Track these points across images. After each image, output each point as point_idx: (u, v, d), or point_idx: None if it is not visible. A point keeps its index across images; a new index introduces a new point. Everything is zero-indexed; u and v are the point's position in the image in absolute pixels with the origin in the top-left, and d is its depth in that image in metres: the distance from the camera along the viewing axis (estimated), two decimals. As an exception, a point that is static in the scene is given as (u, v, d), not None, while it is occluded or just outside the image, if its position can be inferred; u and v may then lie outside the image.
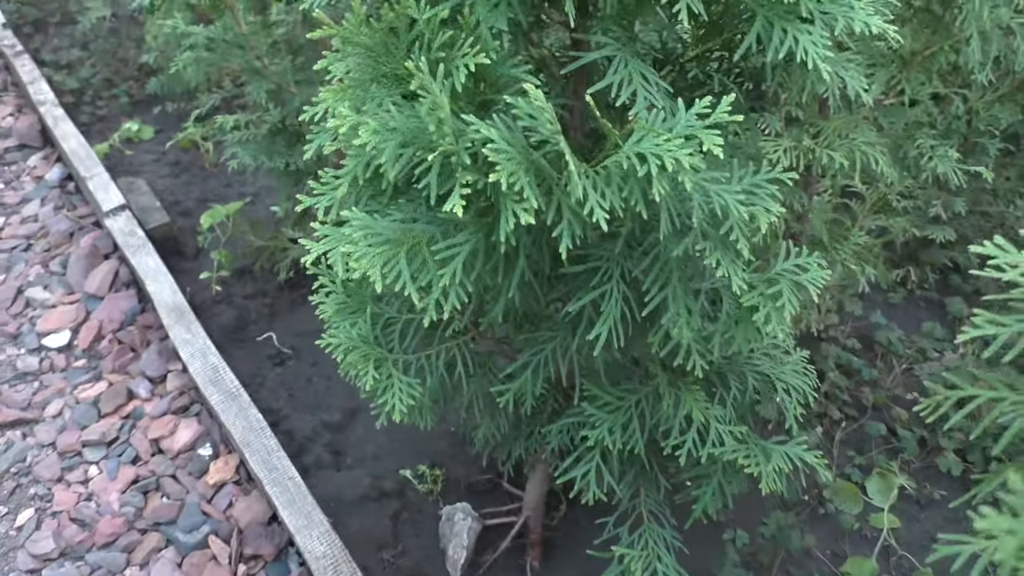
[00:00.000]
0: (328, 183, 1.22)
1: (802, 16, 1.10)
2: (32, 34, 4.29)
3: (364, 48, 1.07)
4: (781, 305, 1.25)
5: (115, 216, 2.73)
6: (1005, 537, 0.63)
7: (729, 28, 1.25)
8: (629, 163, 1.00)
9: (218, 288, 2.64)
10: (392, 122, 1.06)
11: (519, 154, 1.00)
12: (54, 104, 3.36)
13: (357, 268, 1.09)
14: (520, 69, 1.09)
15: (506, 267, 1.20)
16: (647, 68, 1.15)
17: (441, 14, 1.03)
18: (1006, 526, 0.65)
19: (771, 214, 1.17)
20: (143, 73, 3.93)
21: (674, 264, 1.23)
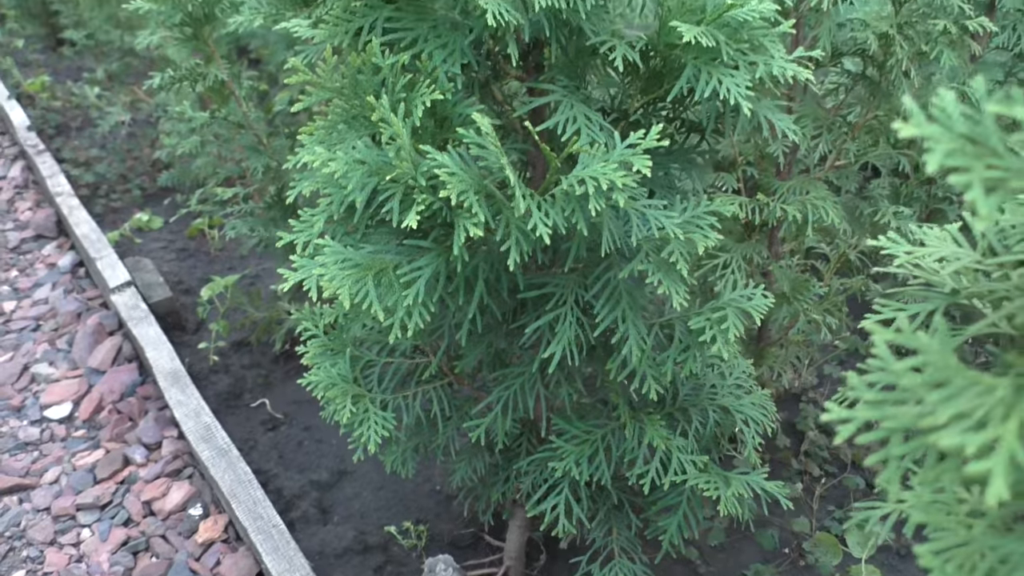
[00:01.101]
0: (306, 220, 1.34)
1: (727, 63, 1.24)
2: (54, 136, 4.56)
3: (335, 92, 1.21)
4: (726, 328, 1.35)
5: (120, 292, 2.86)
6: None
7: (668, 80, 1.40)
8: (570, 185, 1.12)
9: (216, 358, 2.74)
10: (359, 155, 1.19)
11: (469, 177, 1.12)
12: (70, 195, 3.55)
13: (328, 289, 1.20)
14: (473, 108, 1.22)
15: (466, 290, 1.30)
16: (591, 111, 1.29)
17: (402, 60, 1.18)
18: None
19: (708, 240, 1.29)
20: (156, 168, 4.15)
21: (623, 287, 1.33)
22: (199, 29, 2.10)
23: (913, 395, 0.56)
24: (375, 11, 1.22)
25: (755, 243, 2.00)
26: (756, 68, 1.25)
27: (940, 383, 0.54)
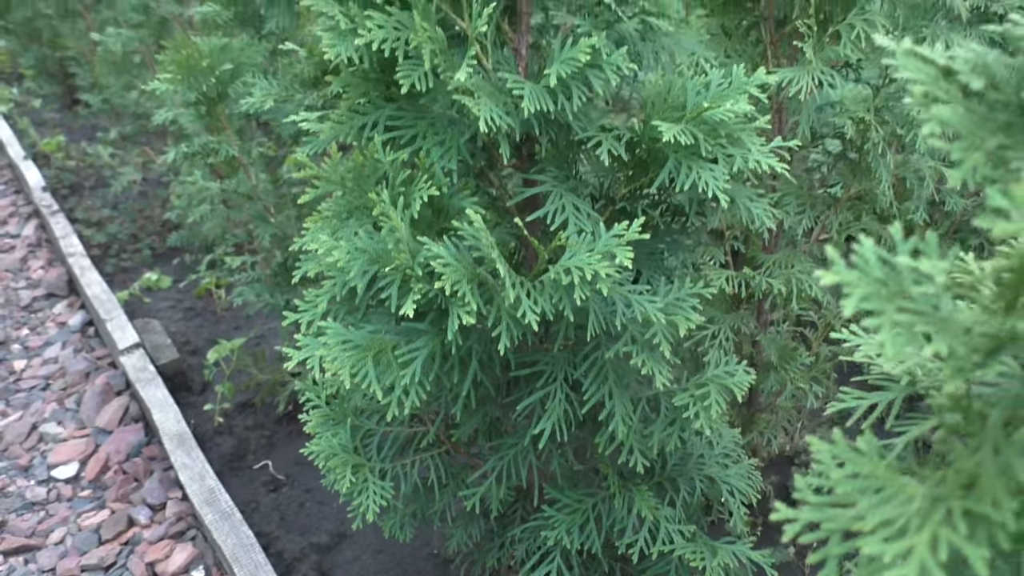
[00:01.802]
0: (311, 301, 1.42)
1: (706, 157, 1.33)
2: (68, 196, 4.68)
3: (339, 185, 1.30)
4: (708, 404, 1.41)
5: (129, 354, 2.94)
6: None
7: (653, 169, 1.49)
8: (557, 274, 1.19)
9: (220, 420, 2.80)
10: (360, 244, 1.27)
11: (463, 267, 1.20)
12: (82, 255, 3.65)
13: (330, 369, 1.27)
14: (468, 201, 1.31)
15: (461, 369, 1.37)
16: (580, 200, 1.37)
17: (402, 157, 1.27)
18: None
19: (691, 322, 1.36)
20: (166, 229, 4.26)
21: (609, 366, 1.40)
22: (213, 107, 2.21)
23: (850, 499, 0.62)
24: (378, 110, 1.31)
25: (743, 313, 2.07)
26: (734, 161, 1.33)
27: (871, 490, 0.61)
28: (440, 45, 1.19)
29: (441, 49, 1.19)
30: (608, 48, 1.27)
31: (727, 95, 1.33)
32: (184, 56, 2.09)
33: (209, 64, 2.12)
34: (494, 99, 1.21)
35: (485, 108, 1.16)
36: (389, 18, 1.19)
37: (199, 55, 2.10)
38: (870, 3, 1.75)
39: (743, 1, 1.91)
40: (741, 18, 1.92)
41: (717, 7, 1.94)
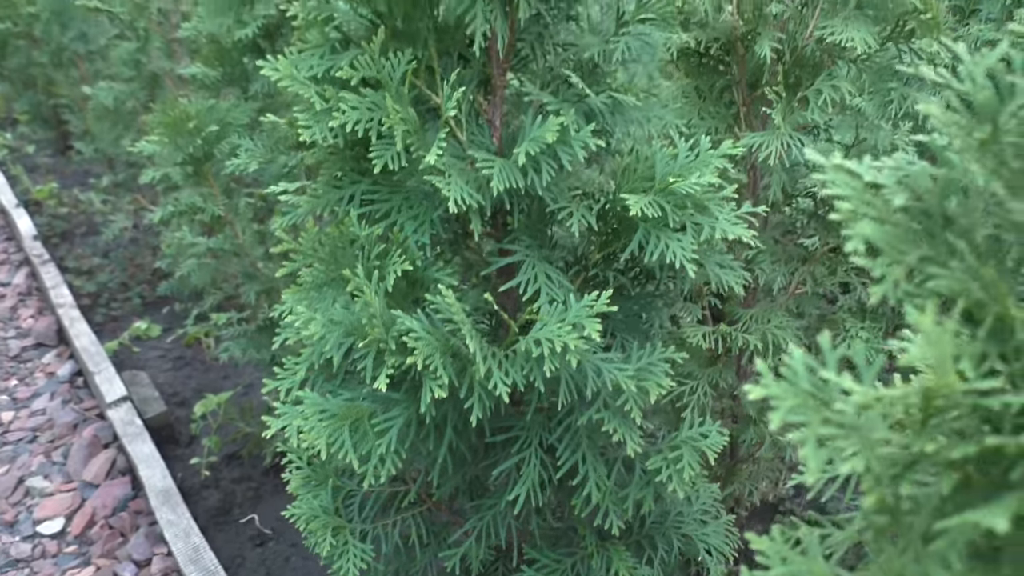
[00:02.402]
0: (290, 369, 1.45)
1: (674, 227, 1.36)
2: (59, 244, 4.71)
3: (316, 259, 1.33)
4: (681, 468, 1.43)
5: (117, 407, 2.95)
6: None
7: (625, 237, 1.52)
8: (527, 346, 1.22)
9: (207, 473, 2.80)
10: (336, 316, 1.30)
11: (436, 340, 1.23)
12: (72, 306, 3.67)
13: (308, 439, 1.29)
14: (442, 273, 1.34)
15: (436, 437, 1.39)
16: (553, 269, 1.41)
17: (376, 231, 1.30)
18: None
19: (661, 388, 1.38)
20: (156, 277, 4.29)
21: (583, 431, 1.42)
22: (199, 167, 2.25)
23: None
24: (353, 184, 1.35)
25: (721, 368, 2.09)
26: (702, 229, 1.37)
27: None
28: (412, 125, 1.23)
29: (414, 129, 1.23)
30: (576, 124, 1.31)
31: (694, 167, 1.37)
32: (172, 118, 2.13)
33: (196, 125, 2.16)
34: (464, 176, 1.25)
35: (455, 188, 1.19)
36: (363, 100, 1.23)
37: (186, 117, 2.15)
38: (837, 68, 1.81)
39: (716, 65, 1.97)
40: (715, 80, 1.98)
41: (692, 69, 2.00)
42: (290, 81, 1.26)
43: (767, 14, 1.75)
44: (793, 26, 1.78)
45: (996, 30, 2.28)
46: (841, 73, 1.80)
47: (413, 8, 1.27)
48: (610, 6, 1.53)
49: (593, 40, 1.43)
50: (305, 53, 1.33)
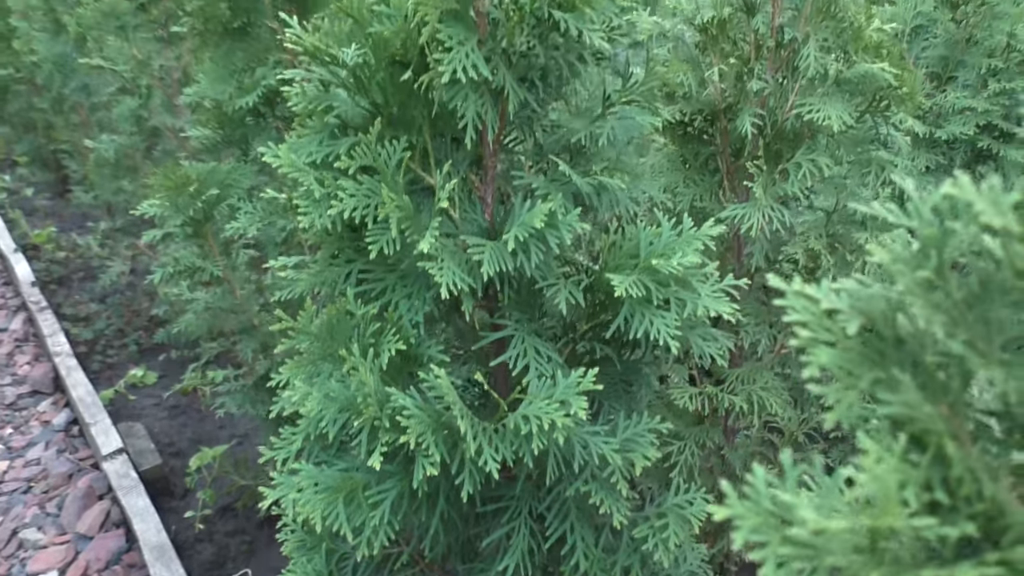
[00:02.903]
0: (286, 439, 1.49)
1: (658, 304, 1.42)
2: (57, 289, 4.76)
3: (313, 337, 1.38)
4: (667, 536, 1.47)
5: (112, 459, 2.97)
6: None
7: (611, 311, 1.58)
8: (516, 422, 1.27)
9: (201, 526, 2.82)
10: (333, 392, 1.35)
11: (429, 417, 1.27)
12: (68, 355, 3.71)
13: (303, 512, 1.33)
14: (435, 349, 1.39)
15: (429, 508, 1.43)
16: (542, 342, 1.46)
17: (372, 310, 1.36)
18: None
19: (647, 460, 1.43)
20: (153, 323, 4.33)
21: (572, 502, 1.46)
22: (199, 228, 2.31)
23: None
24: (350, 263, 1.41)
25: (709, 427, 2.14)
26: (685, 305, 1.43)
27: None
28: (407, 211, 1.29)
29: (408, 215, 1.29)
30: (564, 208, 1.37)
31: (677, 246, 1.43)
32: (173, 182, 2.19)
33: (197, 188, 2.23)
34: (456, 259, 1.31)
35: (447, 273, 1.25)
36: (360, 187, 1.29)
37: (187, 181, 2.21)
38: (816, 142, 1.88)
39: (701, 135, 2.04)
40: (699, 149, 2.05)
41: (678, 138, 2.07)
42: (290, 168, 1.32)
43: (748, 90, 1.83)
44: (773, 101, 1.86)
45: (972, 97, 2.36)
46: (820, 146, 1.87)
47: (408, 98, 1.34)
48: (598, 85, 1.60)
49: (580, 124, 1.49)
50: (305, 138, 1.39)
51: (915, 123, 1.86)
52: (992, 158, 2.41)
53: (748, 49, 1.89)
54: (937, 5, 2.40)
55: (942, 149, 2.41)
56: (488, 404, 1.58)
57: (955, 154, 2.43)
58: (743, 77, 1.86)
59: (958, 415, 0.69)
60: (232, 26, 2.14)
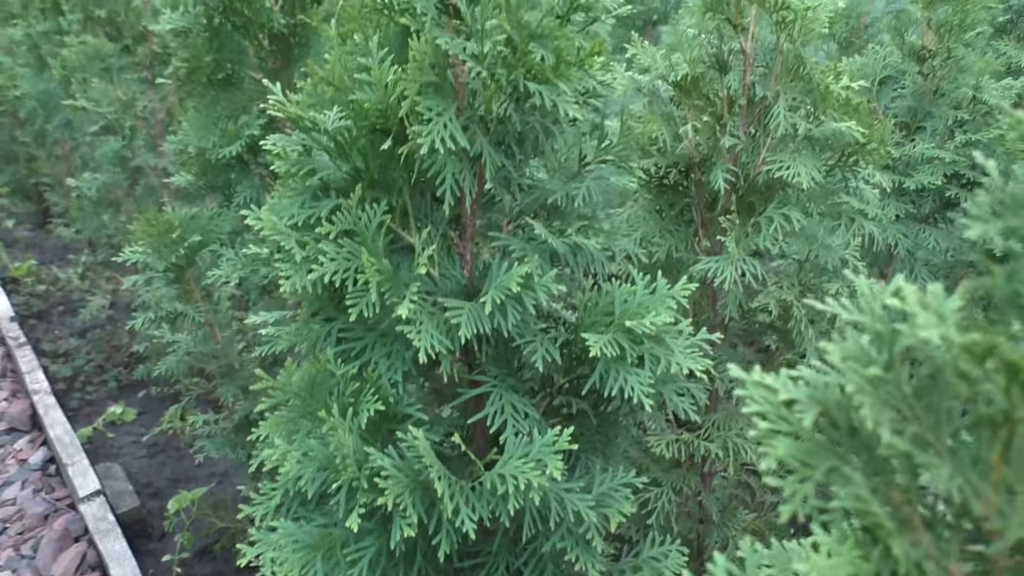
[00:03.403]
0: (265, 494, 1.50)
1: (632, 362, 1.45)
2: (36, 324, 4.73)
3: (293, 395, 1.40)
4: (642, 591, 1.49)
5: (90, 501, 2.95)
6: None
7: (588, 366, 1.61)
8: (493, 481, 1.29)
9: (179, 570, 2.80)
10: (312, 451, 1.37)
11: (406, 478, 1.29)
12: (47, 393, 3.69)
13: (280, 572, 1.34)
14: (414, 408, 1.41)
15: (407, 565, 1.45)
16: (519, 398, 1.49)
17: (352, 370, 1.38)
18: None
19: (622, 515, 1.45)
20: (133, 359, 4.31)
21: (548, 558, 1.48)
22: (181, 273, 2.33)
23: None
24: (331, 322, 1.43)
25: (685, 472, 2.17)
26: (659, 362, 1.46)
27: None
28: (386, 274, 1.31)
29: (388, 278, 1.31)
30: (540, 269, 1.40)
31: (651, 305, 1.46)
32: (156, 229, 2.21)
33: (179, 235, 2.24)
34: (435, 321, 1.33)
35: (426, 337, 1.27)
36: (340, 250, 1.32)
37: (170, 227, 2.23)
38: (787, 195, 1.93)
39: (676, 187, 2.09)
40: (675, 200, 2.10)
41: (654, 190, 2.11)
42: (271, 231, 1.34)
43: (721, 146, 1.88)
44: (745, 157, 1.91)
45: (939, 147, 2.43)
46: (791, 198, 1.92)
47: (388, 162, 1.37)
48: (573, 144, 1.64)
49: (556, 184, 1.53)
50: (287, 199, 1.42)
51: (883, 178, 1.92)
52: (959, 206, 2.48)
53: (721, 105, 1.94)
54: (904, 58, 2.47)
55: (911, 197, 2.48)
56: (467, 457, 1.60)
57: (924, 202, 2.49)
58: (716, 133, 1.91)
59: (910, 502, 0.72)
60: (216, 77, 2.17)
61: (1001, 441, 0.69)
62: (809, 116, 1.88)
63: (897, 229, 2.44)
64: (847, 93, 1.85)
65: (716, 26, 1.92)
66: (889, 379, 0.72)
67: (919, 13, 2.39)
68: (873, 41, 3.74)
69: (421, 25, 1.26)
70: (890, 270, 2.59)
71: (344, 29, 1.42)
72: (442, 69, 1.29)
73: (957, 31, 2.36)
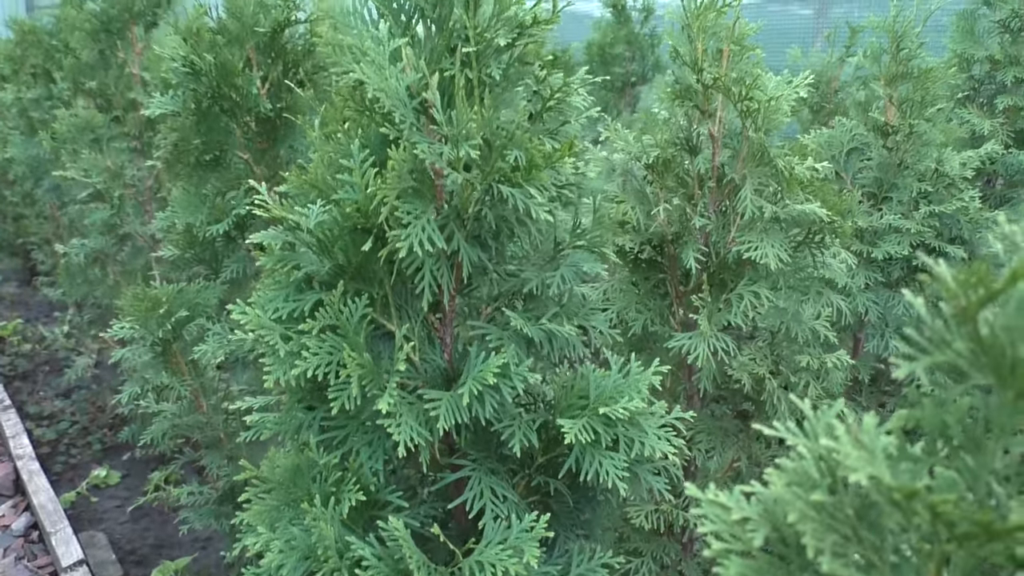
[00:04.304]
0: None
1: (607, 446, 1.50)
2: (22, 385, 4.73)
3: (276, 484, 1.44)
4: (620, 671, 1.52)
5: (72, 571, 2.94)
6: None
7: (566, 446, 1.65)
8: (471, 570, 1.33)
9: (162, 641, 2.79)
10: (294, 540, 1.40)
11: (387, 567, 1.33)
12: (31, 458, 3.68)
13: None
14: (395, 496, 1.45)
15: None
16: (498, 482, 1.53)
17: (333, 460, 1.42)
18: None
19: (600, 595, 1.49)
20: (118, 420, 4.31)
21: (527, 640, 1.51)
22: (168, 347, 2.36)
23: None
24: (313, 411, 1.47)
25: (666, 542, 2.20)
26: (633, 445, 1.51)
27: None
28: (368, 367, 1.36)
29: (369, 371, 1.36)
30: (517, 357, 1.46)
31: (625, 389, 1.51)
32: (143, 306, 2.26)
33: (167, 311, 2.29)
34: (414, 412, 1.38)
35: (405, 430, 1.32)
36: (323, 344, 1.37)
37: (157, 304, 2.27)
38: (756, 272, 2.00)
39: (652, 260, 2.16)
40: (650, 274, 2.16)
41: (630, 264, 2.18)
42: (256, 326, 1.39)
43: (692, 227, 1.95)
44: (716, 236, 1.98)
45: (905, 217, 2.52)
46: (762, 275, 1.99)
47: (369, 259, 1.43)
48: (548, 233, 1.70)
49: (532, 272, 1.59)
50: (271, 291, 1.47)
51: (848, 256, 1.99)
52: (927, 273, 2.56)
53: (692, 184, 2.02)
54: (869, 133, 2.57)
55: (880, 265, 2.56)
56: (448, 539, 1.64)
57: (892, 270, 2.57)
58: (687, 212, 1.98)
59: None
60: (204, 158, 2.24)
61: (936, 560, 0.74)
62: (776, 195, 1.96)
63: (867, 297, 2.51)
64: (812, 174, 1.93)
65: (685, 111, 2.01)
66: (832, 502, 0.77)
67: (882, 91, 2.50)
68: (844, 104, 3.87)
69: (400, 132, 1.33)
70: (863, 335, 2.66)
71: (327, 129, 1.49)
72: (420, 174, 1.36)
73: (918, 107, 2.46)
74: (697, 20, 1.88)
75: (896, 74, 2.48)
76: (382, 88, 1.30)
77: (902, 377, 0.71)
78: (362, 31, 1.41)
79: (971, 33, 3.10)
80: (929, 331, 0.74)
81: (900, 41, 2.45)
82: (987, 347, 0.65)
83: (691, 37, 1.91)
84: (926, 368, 0.72)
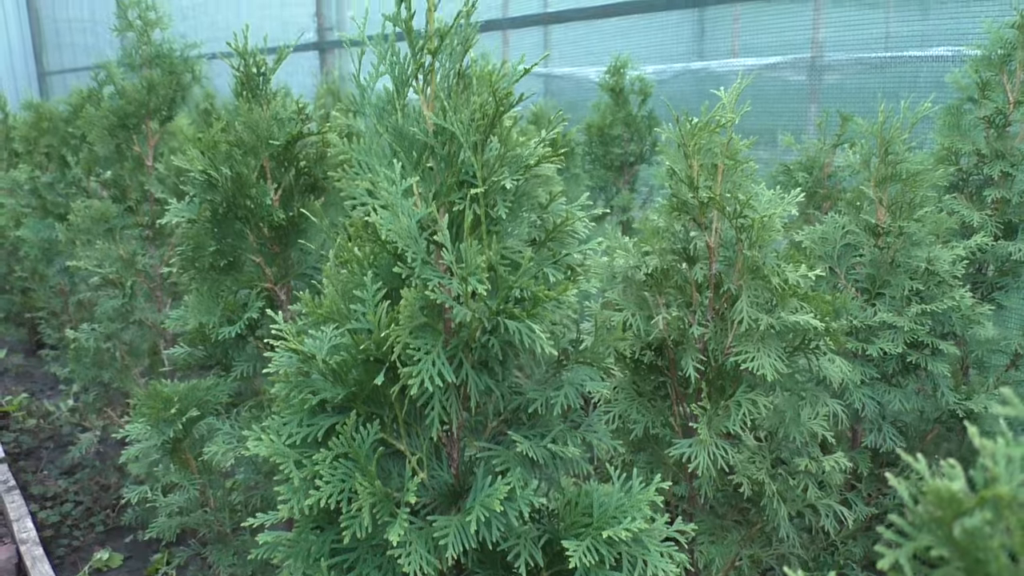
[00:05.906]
0: None
1: (612, 565, 1.53)
2: (25, 463, 4.74)
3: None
4: None
5: (75, 665, 2.93)
6: None
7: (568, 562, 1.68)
8: None
9: None
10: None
11: None
12: (35, 543, 3.69)
13: None
14: (403, 618, 1.48)
15: None
16: (503, 600, 1.56)
17: (344, 584, 1.46)
18: None
19: None
20: (121, 502, 4.31)
21: None
22: (178, 446, 2.41)
23: None
24: (324, 533, 1.52)
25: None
26: (636, 564, 1.54)
27: None
28: (379, 495, 1.41)
29: (380, 499, 1.41)
30: (523, 480, 1.51)
31: (627, 508, 1.56)
32: (154, 406, 2.31)
33: (178, 409, 2.34)
34: (423, 539, 1.43)
35: (415, 560, 1.36)
36: (335, 471, 1.42)
37: (168, 403, 2.33)
38: (754, 376, 2.06)
39: (652, 363, 2.21)
40: (650, 377, 2.22)
41: (630, 367, 2.24)
42: (271, 452, 1.44)
43: (690, 335, 2.02)
44: (714, 344, 2.04)
45: (898, 315, 2.58)
46: (759, 382, 2.05)
47: (381, 386, 1.49)
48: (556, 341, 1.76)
49: (536, 392, 1.65)
50: (286, 416, 1.52)
51: (842, 362, 2.05)
52: (924, 369, 2.61)
53: (690, 290, 2.09)
54: (861, 232, 2.66)
55: (875, 362, 2.61)
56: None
57: (887, 366, 2.63)
58: (686, 320, 2.05)
59: None
60: (220, 263, 2.32)
61: None
62: (771, 302, 2.03)
63: (864, 392, 2.56)
64: (805, 282, 2.00)
65: (683, 224, 2.09)
66: None
67: (872, 192, 2.59)
68: (837, 189, 3.98)
69: (412, 271, 1.40)
70: (860, 427, 2.70)
71: (341, 259, 1.57)
72: (431, 308, 1.43)
73: (907, 209, 2.55)
74: (692, 139, 1.97)
75: (885, 176, 2.57)
76: (395, 230, 1.38)
77: (886, 568, 0.76)
78: (376, 168, 1.49)
79: (957, 127, 3.21)
80: (912, 515, 0.80)
81: (888, 146, 2.55)
82: (960, 548, 0.71)
83: (687, 155, 2.00)
84: (908, 555, 0.77)
